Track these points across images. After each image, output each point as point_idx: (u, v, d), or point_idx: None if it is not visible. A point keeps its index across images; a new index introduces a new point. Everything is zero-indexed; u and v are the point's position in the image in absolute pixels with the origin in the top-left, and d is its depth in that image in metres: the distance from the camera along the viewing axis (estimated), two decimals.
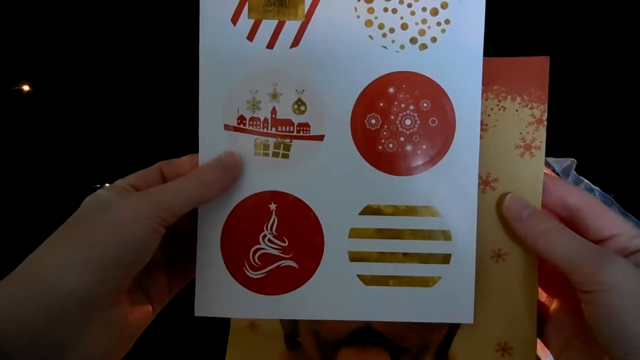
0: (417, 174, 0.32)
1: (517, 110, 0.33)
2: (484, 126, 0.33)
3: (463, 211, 0.31)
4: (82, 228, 0.27)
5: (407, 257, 0.32)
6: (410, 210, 0.32)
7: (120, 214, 0.27)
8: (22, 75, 0.67)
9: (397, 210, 0.32)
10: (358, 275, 0.32)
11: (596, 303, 0.27)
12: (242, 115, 0.32)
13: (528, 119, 0.33)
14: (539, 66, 0.33)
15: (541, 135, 0.32)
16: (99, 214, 0.27)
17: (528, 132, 0.32)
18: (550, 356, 0.46)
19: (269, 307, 0.32)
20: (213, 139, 0.32)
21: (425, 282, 0.31)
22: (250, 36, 0.32)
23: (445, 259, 0.31)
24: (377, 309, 0.32)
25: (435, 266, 0.31)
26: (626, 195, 0.55)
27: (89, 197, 0.29)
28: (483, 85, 0.32)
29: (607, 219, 0.30)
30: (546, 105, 0.32)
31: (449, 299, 0.31)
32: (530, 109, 0.33)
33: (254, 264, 0.32)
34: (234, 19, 0.32)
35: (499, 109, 0.33)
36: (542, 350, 0.47)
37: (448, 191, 0.31)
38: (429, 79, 0.31)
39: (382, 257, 0.32)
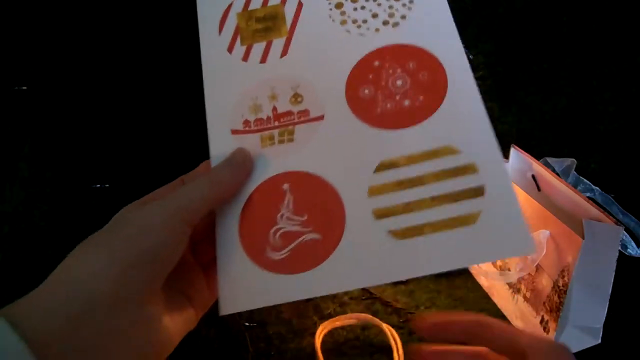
0: (423, 121, 0.32)
1: None
2: None
3: (482, 141, 0.30)
4: (109, 235, 0.28)
5: (436, 200, 0.30)
6: (426, 155, 0.31)
7: (143, 218, 0.28)
8: (22, 76, 0.67)
9: (412, 159, 0.31)
10: (389, 231, 0.30)
11: None
12: (246, 119, 0.34)
13: None
14: None
15: None
16: (124, 221, 0.29)
17: None
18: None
19: (298, 287, 0.29)
20: (222, 144, 0.34)
21: (465, 220, 0.29)
22: (245, 58, 0.36)
23: (478, 191, 0.29)
24: (419, 262, 0.29)
25: (470, 201, 0.29)
26: (626, 195, 0.55)
27: (118, 213, 0.31)
28: None
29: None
30: None
31: (499, 232, 0.28)
32: None
33: (275, 244, 0.31)
34: (230, 49, 0.36)
35: None
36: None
37: (459, 127, 0.31)
38: (408, 45, 0.34)
39: (409, 207, 0.30)
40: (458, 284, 0.57)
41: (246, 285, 0.30)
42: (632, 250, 0.50)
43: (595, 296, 0.42)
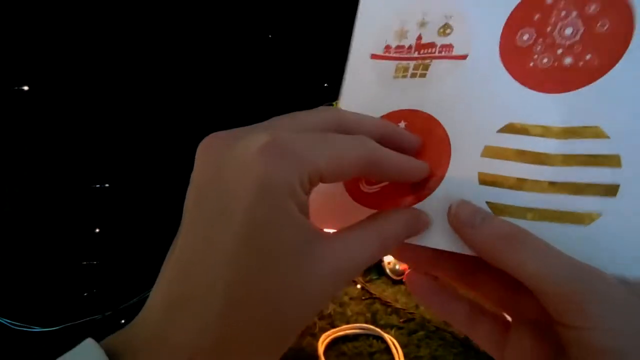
0: (577, 90, 0.26)
1: None
2: None
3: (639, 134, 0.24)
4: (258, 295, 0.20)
5: (555, 186, 0.25)
6: (565, 132, 0.25)
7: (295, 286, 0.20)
8: (22, 76, 0.67)
9: (547, 132, 0.26)
10: (488, 203, 0.26)
11: (583, 344, 0.20)
12: (388, 45, 0.32)
13: None
14: None
15: None
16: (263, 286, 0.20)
17: None
18: None
19: None
20: (359, 66, 0.33)
21: (578, 218, 0.24)
22: None
23: (609, 190, 0.24)
24: None
25: (595, 199, 0.24)
26: None
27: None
28: None
29: None
30: None
31: (612, 242, 0.23)
32: None
33: (369, 178, 0.29)
34: None
35: None
36: None
37: (618, 108, 0.25)
38: None
39: (521, 184, 0.25)
40: None
41: (333, 207, 0.28)
42: None
43: None
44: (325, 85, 0.72)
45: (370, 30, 0.34)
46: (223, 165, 0.20)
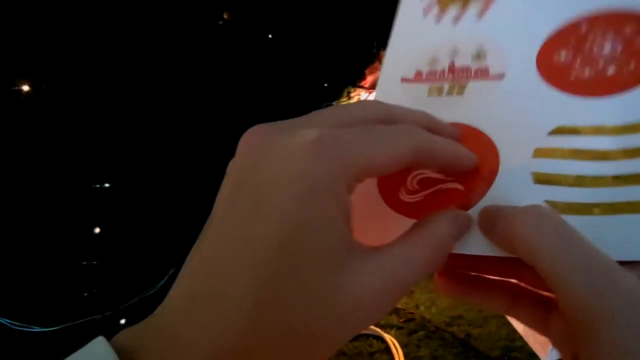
0: (627, 91, 0.26)
1: None
2: None
3: None
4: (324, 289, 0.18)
5: (619, 179, 0.24)
6: (621, 129, 0.26)
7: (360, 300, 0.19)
8: (22, 75, 0.67)
9: (600, 131, 0.26)
10: (547, 202, 0.25)
11: (589, 344, 0.18)
12: (419, 71, 0.33)
13: None
14: None
15: None
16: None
17: None
18: (551, 355, 0.46)
19: None
20: (388, 91, 0.33)
21: None
22: (438, 20, 0.34)
23: None
24: None
25: None
26: None
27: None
28: None
29: None
30: None
31: None
32: None
33: (411, 187, 0.28)
34: (426, 12, 0.35)
35: None
36: (541, 350, 0.47)
37: None
38: (629, 10, 0.28)
39: (581, 181, 0.25)
40: None
41: (369, 218, 0.27)
42: None
43: None
44: (325, 85, 0.72)
45: (401, 59, 0.34)
46: (266, 158, 0.19)
